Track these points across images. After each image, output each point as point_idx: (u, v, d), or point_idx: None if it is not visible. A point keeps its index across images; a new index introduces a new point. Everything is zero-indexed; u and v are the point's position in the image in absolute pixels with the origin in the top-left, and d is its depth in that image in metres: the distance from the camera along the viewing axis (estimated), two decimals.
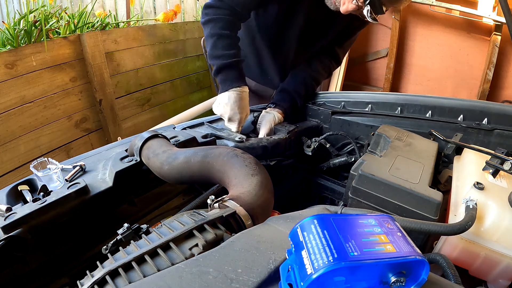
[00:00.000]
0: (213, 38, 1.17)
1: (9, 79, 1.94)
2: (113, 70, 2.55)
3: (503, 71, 3.14)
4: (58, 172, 0.80)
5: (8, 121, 1.98)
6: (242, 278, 0.42)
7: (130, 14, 3.06)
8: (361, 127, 1.21)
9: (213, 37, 1.17)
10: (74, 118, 2.38)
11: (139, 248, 0.51)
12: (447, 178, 0.95)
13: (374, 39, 3.75)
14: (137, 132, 1.43)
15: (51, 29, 2.12)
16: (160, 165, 0.77)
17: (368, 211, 0.67)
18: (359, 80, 3.98)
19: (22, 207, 0.67)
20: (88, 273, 0.49)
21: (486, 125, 1.11)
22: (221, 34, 1.15)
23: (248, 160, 0.72)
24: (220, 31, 1.15)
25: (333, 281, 0.35)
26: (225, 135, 1.09)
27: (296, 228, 0.40)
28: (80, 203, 0.73)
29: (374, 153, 0.93)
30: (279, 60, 1.44)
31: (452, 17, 3.16)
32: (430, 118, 1.17)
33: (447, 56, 3.38)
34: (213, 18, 1.16)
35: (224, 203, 0.62)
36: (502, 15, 1.77)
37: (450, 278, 0.60)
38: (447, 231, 0.63)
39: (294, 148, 1.19)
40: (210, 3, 1.18)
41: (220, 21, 1.15)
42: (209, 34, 1.17)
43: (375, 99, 1.26)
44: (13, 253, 0.62)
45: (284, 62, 1.44)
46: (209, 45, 1.19)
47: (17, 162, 2.07)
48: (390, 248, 0.37)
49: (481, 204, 0.69)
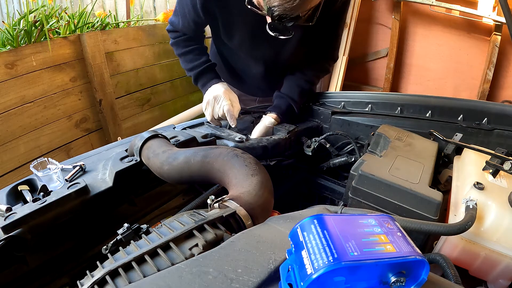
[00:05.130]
0: (181, 58, 1.31)
1: (9, 79, 1.94)
2: (113, 70, 2.55)
3: (503, 71, 3.14)
4: (58, 172, 0.80)
5: (8, 121, 1.98)
6: (242, 278, 0.42)
7: (130, 14, 3.06)
8: (361, 127, 1.21)
9: (181, 56, 1.31)
10: (74, 118, 2.38)
11: (139, 248, 0.51)
12: (447, 178, 0.95)
13: (374, 39, 3.75)
14: (137, 132, 1.43)
15: (51, 29, 2.12)
16: (160, 165, 0.77)
17: (368, 211, 0.67)
18: (359, 80, 3.98)
19: (22, 207, 0.67)
20: (88, 273, 0.49)
21: (486, 125, 1.11)
22: (185, 51, 1.29)
23: (248, 160, 0.72)
24: (183, 49, 1.29)
25: (333, 281, 0.35)
26: (225, 135, 1.09)
27: (296, 228, 0.40)
28: (80, 203, 0.73)
29: (374, 153, 0.93)
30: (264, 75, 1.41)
31: (452, 17, 3.16)
32: (430, 118, 1.17)
33: (447, 56, 3.38)
34: (175, 42, 1.30)
35: (224, 203, 0.62)
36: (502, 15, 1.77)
37: (450, 278, 0.60)
38: (447, 231, 0.63)
39: (294, 148, 1.19)
40: (168, 28, 1.31)
41: (181, 42, 1.29)
42: (178, 55, 1.32)
43: (375, 99, 1.26)
44: (13, 253, 0.62)
45: (267, 74, 1.41)
46: (181, 63, 1.33)
47: (17, 162, 2.07)
48: (390, 248, 0.37)
49: (481, 204, 0.69)
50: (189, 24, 1.21)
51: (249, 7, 0.98)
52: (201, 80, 1.27)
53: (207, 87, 1.25)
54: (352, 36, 3.53)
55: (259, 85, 1.49)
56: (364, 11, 3.59)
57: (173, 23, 1.26)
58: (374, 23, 3.67)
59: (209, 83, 1.25)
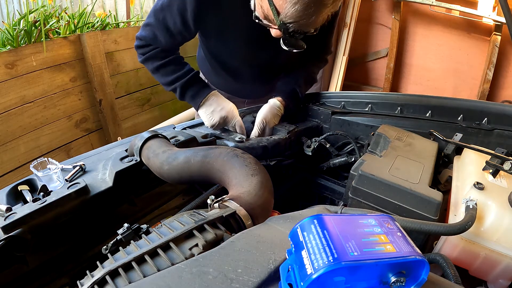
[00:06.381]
0: (159, 71, 1.18)
1: (9, 79, 1.94)
2: (113, 70, 2.55)
3: (503, 71, 3.14)
4: (58, 172, 0.80)
5: (8, 121, 1.98)
6: (242, 278, 0.42)
7: (130, 14, 3.06)
8: (361, 127, 1.21)
9: (158, 70, 1.18)
10: (74, 118, 2.38)
11: (139, 248, 0.51)
12: (447, 178, 0.95)
13: (374, 39, 3.75)
14: (137, 132, 1.43)
15: (51, 29, 2.12)
16: (160, 165, 0.77)
17: (368, 211, 0.67)
18: (359, 80, 3.98)
19: (22, 207, 0.67)
20: (88, 273, 0.49)
21: (486, 125, 1.11)
22: (163, 63, 1.16)
23: (248, 160, 0.72)
24: (160, 62, 1.16)
25: (333, 281, 0.35)
26: (225, 135, 1.09)
27: (296, 228, 0.40)
28: (80, 203, 0.73)
29: (374, 153, 0.93)
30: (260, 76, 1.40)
31: (452, 17, 3.16)
32: (430, 118, 1.17)
33: (447, 56, 3.38)
34: (148, 56, 1.17)
35: (224, 203, 0.62)
36: (502, 15, 1.77)
37: (450, 278, 0.60)
38: (447, 231, 0.63)
39: (294, 148, 1.19)
40: (138, 44, 1.19)
41: (155, 55, 1.16)
42: (153, 69, 1.19)
43: (375, 99, 1.26)
44: (13, 253, 0.62)
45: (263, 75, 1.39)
46: (159, 78, 1.20)
47: (17, 162, 2.07)
48: (390, 248, 0.37)
49: (481, 204, 0.69)
50: (172, 37, 1.11)
51: (256, 21, 0.96)
52: (188, 92, 1.17)
53: (198, 100, 1.16)
54: (352, 36, 3.53)
55: (250, 88, 1.47)
56: (364, 11, 3.59)
57: (145, 37, 1.14)
58: (374, 23, 3.67)
59: (201, 96, 1.16)
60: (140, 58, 1.20)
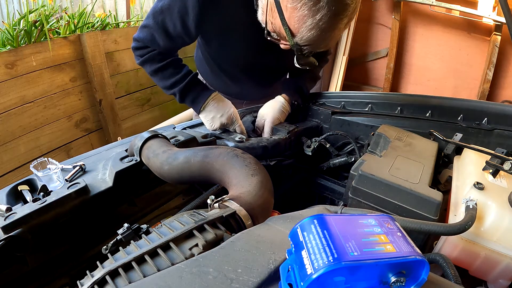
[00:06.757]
0: (157, 74, 1.16)
1: (9, 79, 1.94)
2: (113, 70, 2.55)
3: (503, 71, 3.14)
4: (58, 172, 0.80)
5: (8, 121, 1.98)
6: (242, 278, 0.42)
7: (130, 14, 3.06)
8: (361, 127, 1.21)
9: (157, 72, 1.16)
10: (74, 118, 2.38)
11: (139, 248, 0.51)
12: (447, 178, 0.95)
13: (374, 39, 3.75)
14: (137, 132, 1.42)
15: (51, 29, 2.12)
16: (160, 165, 0.77)
17: (368, 211, 0.67)
18: (359, 80, 3.98)
19: (22, 207, 0.67)
20: (88, 273, 0.49)
21: (486, 125, 1.11)
22: (162, 66, 1.15)
23: (248, 160, 0.72)
24: (159, 64, 1.15)
25: (333, 281, 0.35)
26: (225, 135, 1.09)
27: (296, 228, 0.40)
28: (80, 203, 0.73)
29: (374, 153, 0.93)
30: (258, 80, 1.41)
31: (452, 17, 3.16)
32: (430, 118, 1.17)
33: (447, 56, 3.38)
34: (146, 59, 1.15)
35: (224, 203, 0.62)
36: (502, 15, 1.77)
37: (450, 278, 0.60)
38: (447, 231, 0.63)
39: (294, 148, 1.19)
40: (135, 46, 1.17)
41: (153, 57, 1.15)
42: (151, 72, 1.17)
43: (375, 99, 1.26)
44: (13, 253, 0.62)
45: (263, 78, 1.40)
46: (157, 81, 1.18)
47: (17, 162, 2.07)
48: (390, 248, 0.37)
49: (481, 204, 0.69)
50: (171, 40, 1.09)
51: (268, 38, 0.96)
52: (189, 95, 1.16)
53: (199, 104, 1.15)
54: (352, 36, 3.53)
55: (250, 91, 1.47)
56: (364, 11, 3.59)
57: (143, 39, 1.11)
58: (374, 23, 3.67)
59: (202, 99, 1.15)
60: (138, 60, 1.19)
